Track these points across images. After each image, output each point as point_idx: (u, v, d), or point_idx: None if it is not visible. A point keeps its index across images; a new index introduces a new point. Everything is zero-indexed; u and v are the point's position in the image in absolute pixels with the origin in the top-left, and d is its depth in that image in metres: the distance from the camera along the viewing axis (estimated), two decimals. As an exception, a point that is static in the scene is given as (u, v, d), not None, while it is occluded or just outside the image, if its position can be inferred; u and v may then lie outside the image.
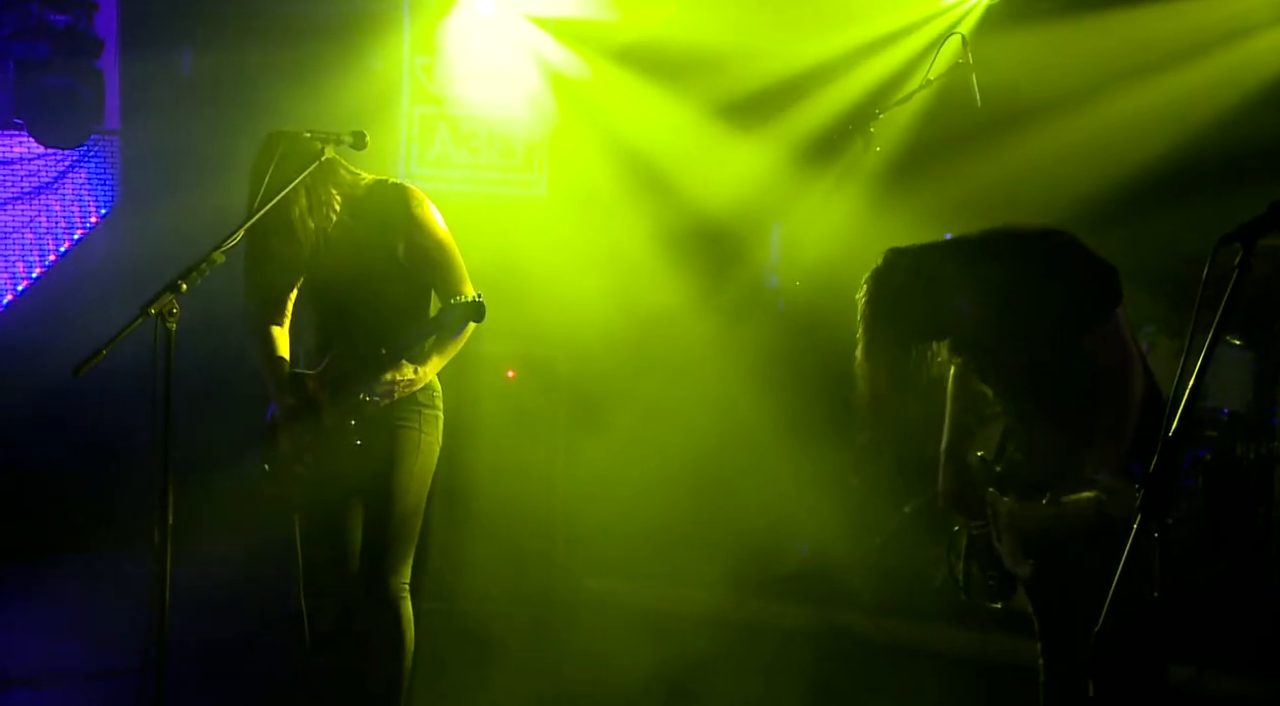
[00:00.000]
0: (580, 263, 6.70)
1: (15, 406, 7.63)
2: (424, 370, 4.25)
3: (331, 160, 4.20)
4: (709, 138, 6.83)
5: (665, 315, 6.81)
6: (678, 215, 6.80)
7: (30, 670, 5.54)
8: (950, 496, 3.99)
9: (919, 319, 3.69)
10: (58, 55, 7.82)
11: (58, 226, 8.65)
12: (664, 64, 6.78)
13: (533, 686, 5.55)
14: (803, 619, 6.34)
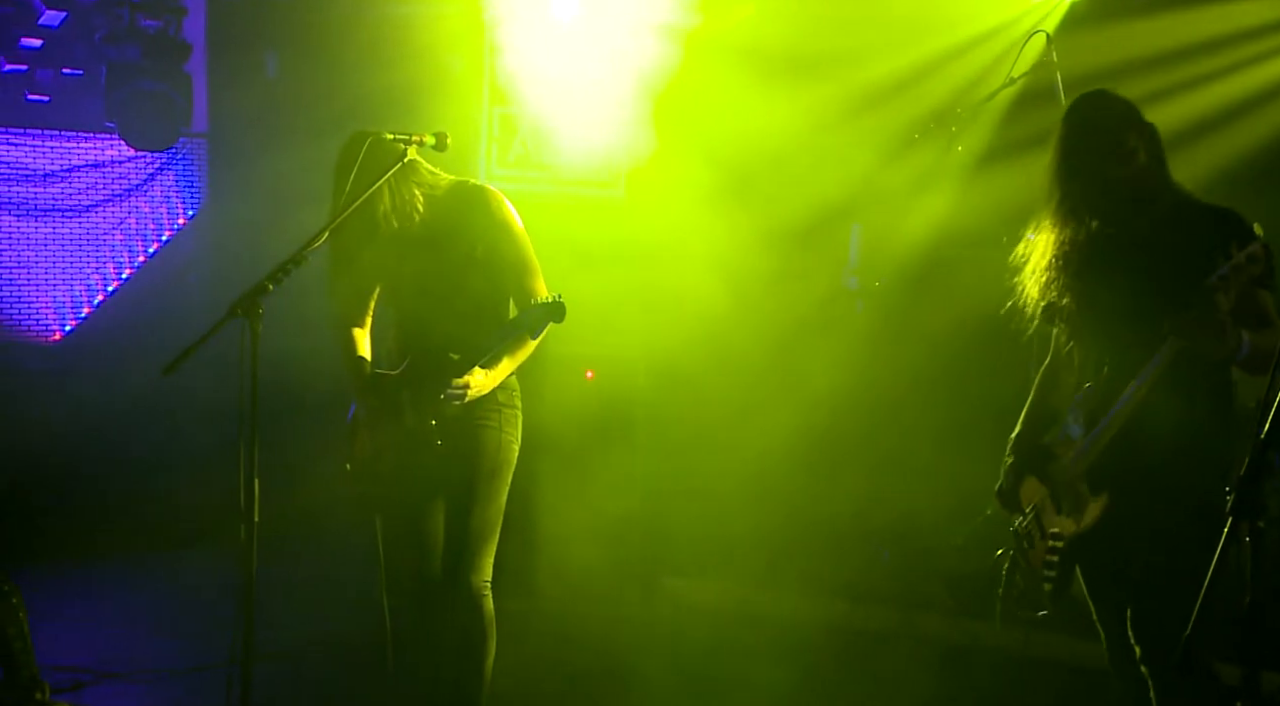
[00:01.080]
0: (658, 263, 6.69)
1: (105, 405, 7.76)
2: (501, 370, 4.26)
3: (414, 161, 4.23)
4: (788, 139, 6.79)
5: (743, 315, 6.78)
6: (755, 216, 6.76)
7: (121, 664, 5.62)
8: (1006, 491, 3.93)
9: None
10: (148, 59, 7.95)
11: (146, 228, 8.79)
12: (743, 66, 6.75)
13: (612, 684, 5.54)
14: (883, 621, 6.28)
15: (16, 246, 8.28)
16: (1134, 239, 3.66)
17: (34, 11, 8.16)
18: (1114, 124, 3.67)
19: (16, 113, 8.24)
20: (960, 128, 6.18)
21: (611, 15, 6.71)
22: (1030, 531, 3.89)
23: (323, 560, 7.20)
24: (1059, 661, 5.56)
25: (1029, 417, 3.96)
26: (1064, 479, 3.75)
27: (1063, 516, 3.77)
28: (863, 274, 7.04)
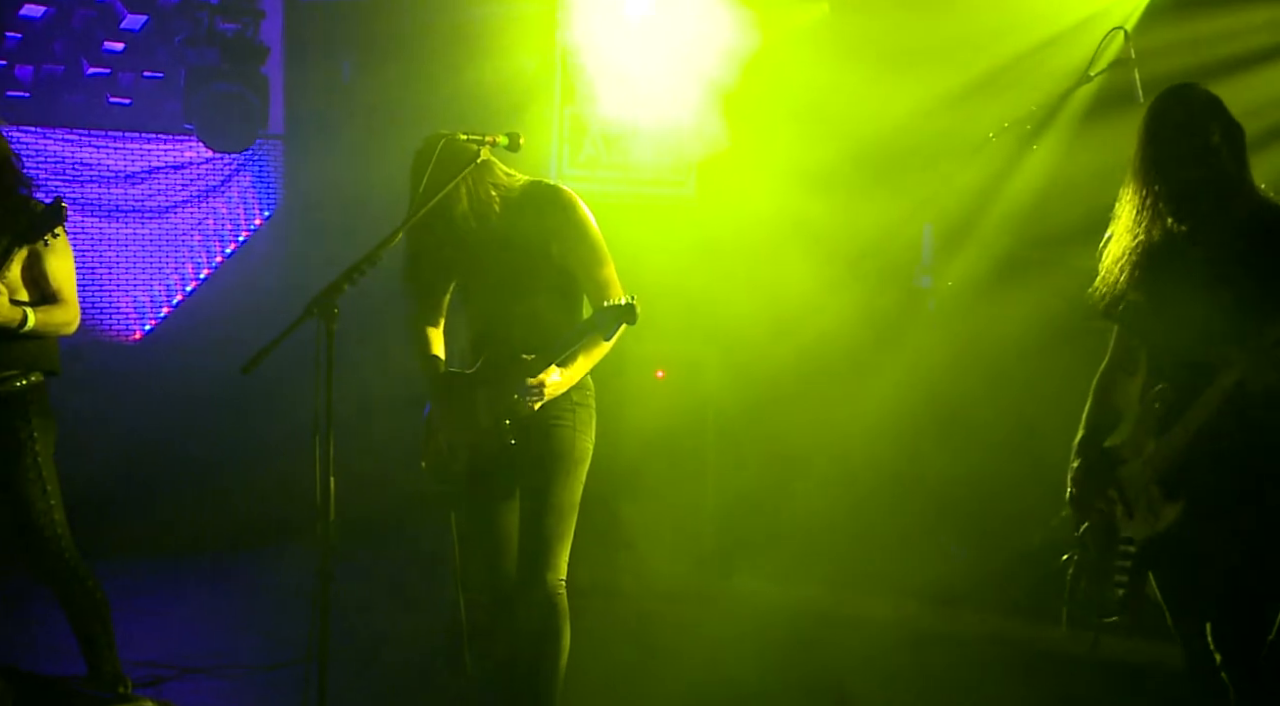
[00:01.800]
0: (728, 263, 6.68)
1: (185, 405, 7.87)
2: (576, 370, 4.27)
3: (489, 161, 4.25)
4: (860, 137, 6.75)
5: (814, 315, 6.75)
6: (826, 214, 6.73)
7: (201, 660, 5.69)
8: (1076, 495, 3.87)
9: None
10: (226, 62, 8.05)
11: (224, 229, 8.91)
12: (817, 64, 6.72)
13: (685, 684, 5.54)
14: (957, 623, 6.24)
15: (99, 247, 8.41)
16: (1211, 241, 3.60)
17: (116, 16, 8.30)
18: (1198, 121, 3.61)
19: (99, 115, 8.38)
20: (1036, 126, 6.11)
21: (683, 13, 6.70)
22: (1099, 536, 3.83)
23: (399, 558, 7.24)
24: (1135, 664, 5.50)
25: (1091, 420, 3.88)
26: (1135, 483, 3.70)
27: (1135, 521, 3.72)
28: (935, 273, 6.99)
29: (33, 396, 4.72)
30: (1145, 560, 3.72)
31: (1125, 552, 3.73)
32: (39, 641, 5.73)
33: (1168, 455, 3.61)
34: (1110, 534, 3.79)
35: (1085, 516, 3.87)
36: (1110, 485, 3.76)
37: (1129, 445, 3.75)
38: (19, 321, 4.58)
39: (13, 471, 4.69)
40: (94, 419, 7.00)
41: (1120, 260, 3.72)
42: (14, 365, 4.67)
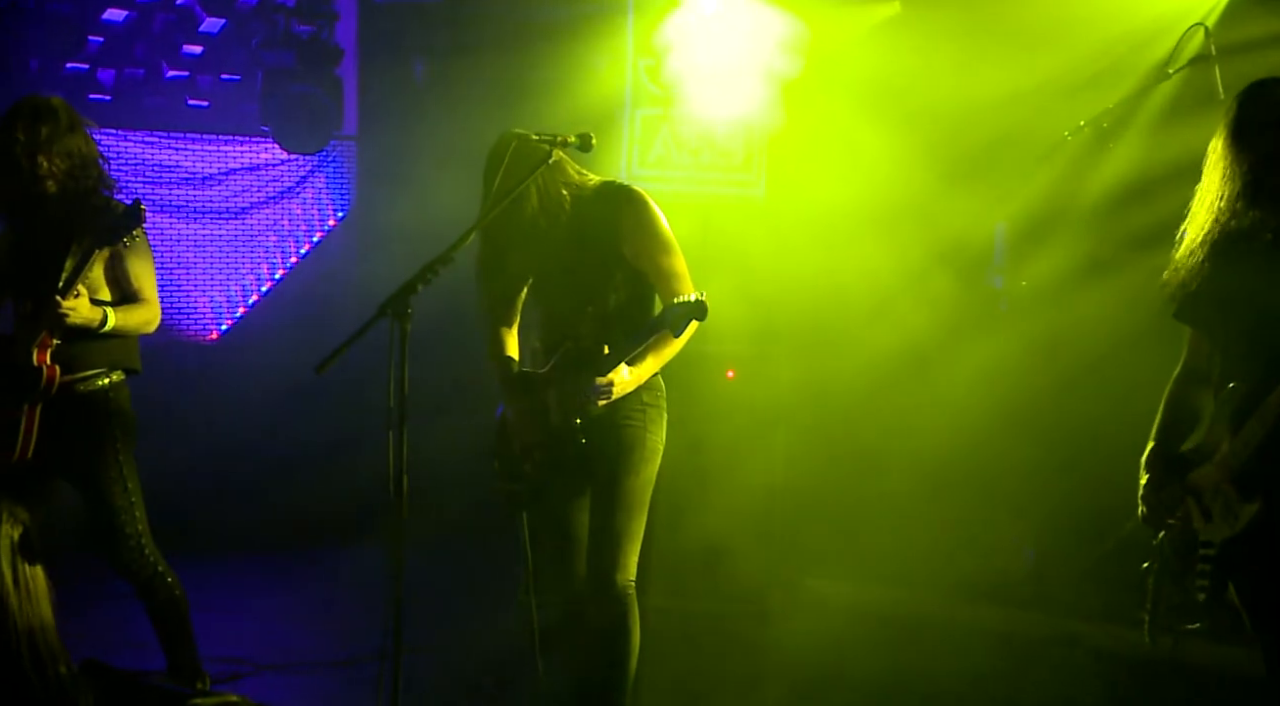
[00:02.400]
0: (799, 262, 6.65)
1: (261, 404, 7.96)
2: (646, 368, 4.26)
3: (561, 161, 4.25)
4: (929, 137, 6.69)
5: (885, 314, 6.71)
6: (896, 214, 6.69)
7: (277, 656, 5.76)
8: (1147, 514, 3.80)
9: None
10: (302, 64, 8.14)
11: (298, 229, 8.99)
12: (888, 62, 6.67)
13: (755, 685, 5.53)
14: (1028, 625, 6.18)
15: (177, 248, 8.51)
16: None
17: (195, 19, 8.42)
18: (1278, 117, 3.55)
19: (178, 118, 8.48)
20: (1114, 124, 6.03)
21: (754, 13, 6.69)
22: (1177, 543, 3.76)
23: (472, 557, 7.28)
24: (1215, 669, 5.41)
25: (1160, 433, 3.80)
26: (1210, 485, 3.64)
27: (1212, 524, 3.65)
28: (1008, 273, 6.92)
29: (114, 395, 4.78)
30: (1225, 563, 3.65)
31: (1205, 556, 3.66)
32: (120, 636, 5.80)
33: (1241, 453, 3.54)
34: (1188, 539, 3.72)
35: (1160, 528, 3.81)
36: (1182, 496, 3.70)
37: (1203, 447, 3.69)
38: (100, 321, 4.65)
39: (95, 469, 4.76)
40: (171, 418, 7.10)
41: (1193, 253, 3.67)
42: (96, 364, 4.74)
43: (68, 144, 4.67)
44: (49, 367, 4.64)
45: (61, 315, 4.55)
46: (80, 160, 4.70)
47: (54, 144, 4.64)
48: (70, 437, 4.74)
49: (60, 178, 4.67)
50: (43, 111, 4.68)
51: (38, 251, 4.71)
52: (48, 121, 4.66)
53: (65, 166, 4.67)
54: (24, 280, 4.77)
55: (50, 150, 4.64)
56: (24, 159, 4.64)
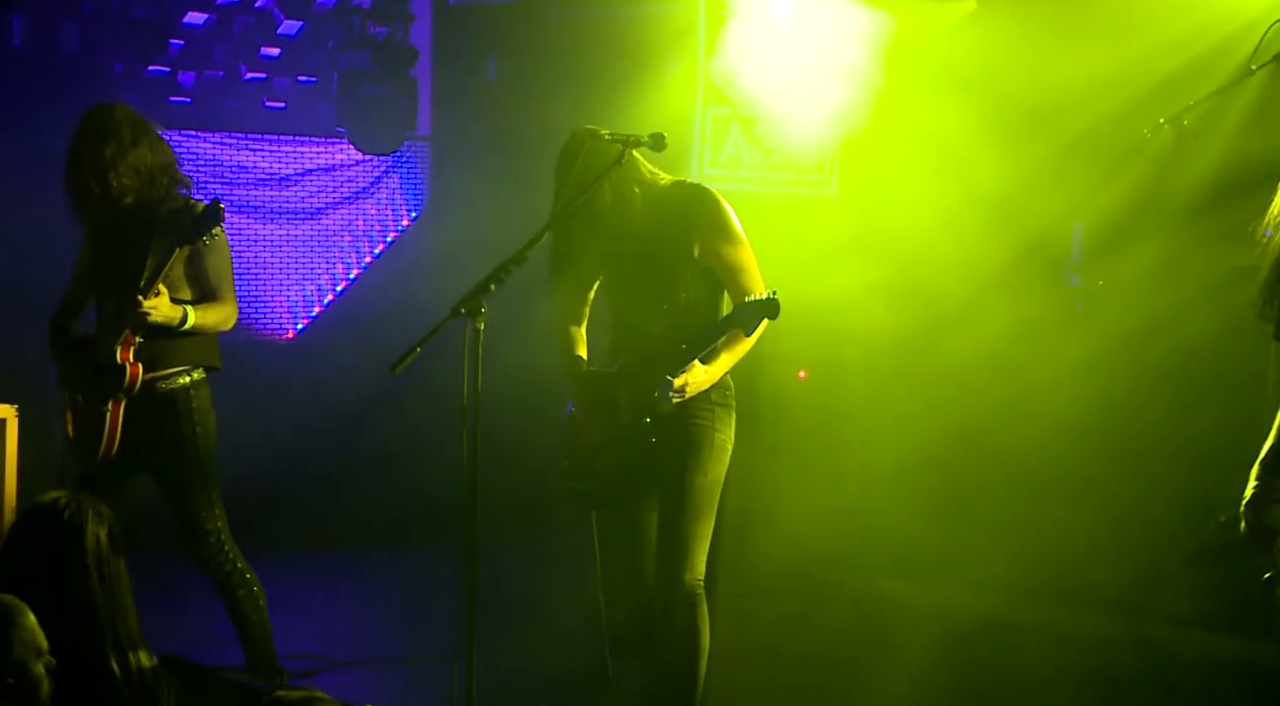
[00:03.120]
0: (872, 262, 6.60)
1: (334, 403, 8.03)
2: (719, 366, 4.25)
3: (633, 159, 4.26)
4: (1004, 135, 6.61)
5: (959, 314, 6.63)
6: (972, 213, 6.62)
7: (352, 652, 5.80)
8: (1249, 530, 3.70)
9: None
10: (377, 65, 8.20)
11: (373, 230, 9.06)
12: (961, 62, 6.60)
13: (826, 687, 5.51)
14: (1108, 629, 6.09)
15: (254, 248, 8.59)
16: None
17: (274, 21, 8.51)
18: None
19: (255, 119, 8.57)
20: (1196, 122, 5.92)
21: (826, 11, 6.64)
22: None
23: (544, 556, 7.30)
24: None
25: None
26: None
27: None
28: (1085, 272, 6.82)
29: (195, 393, 4.84)
30: None
31: None
32: (198, 631, 5.84)
33: None
34: None
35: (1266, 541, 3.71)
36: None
37: None
38: (179, 319, 4.71)
39: (176, 466, 4.83)
40: (247, 416, 7.16)
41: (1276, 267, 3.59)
42: (178, 362, 4.81)
43: (133, 160, 4.72)
44: (132, 366, 4.71)
45: (144, 314, 4.61)
46: (149, 171, 4.75)
47: (120, 162, 4.70)
48: (152, 435, 4.81)
49: (134, 190, 4.73)
50: (104, 130, 4.73)
51: (119, 252, 4.79)
52: (110, 140, 4.70)
53: (135, 182, 4.73)
54: (107, 280, 4.85)
55: (118, 168, 4.70)
56: (94, 182, 4.71)
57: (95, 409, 4.75)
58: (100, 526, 3.20)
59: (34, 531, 3.19)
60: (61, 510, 3.20)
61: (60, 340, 4.97)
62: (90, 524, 3.18)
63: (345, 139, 8.50)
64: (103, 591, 3.14)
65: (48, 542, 3.15)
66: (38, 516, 3.22)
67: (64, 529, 3.15)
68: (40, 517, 3.21)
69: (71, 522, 3.15)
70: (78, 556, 3.12)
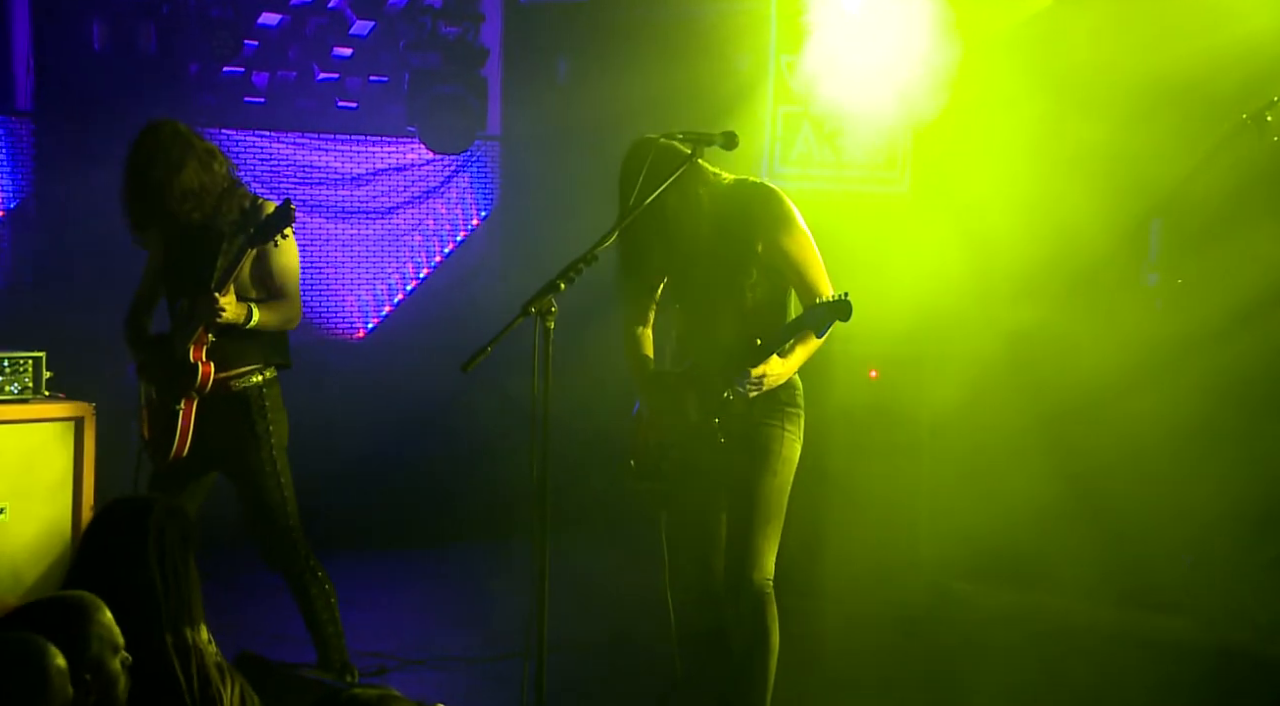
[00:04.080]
0: (944, 261, 6.53)
1: (405, 402, 8.06)
2: (793, 362, 4.22)
3: (699, 161, 4.24)
4: (1078, 131, 6.51)
5: (1034, 313, 6.55)
6: (1046, 210, 6.52)
7: (422, 651, 5.81)
8: None
9: None
10: (448, 65, 8.24)
11: (443, 229, 9.10)
12: (1036, 58, 6.51)
13: (896, 688, 5.46)
14: (1187, 634, 5.98)
15: (326, 248, 8.66)
16: None
17: (346, 22, 8.57)
18: None
19: (328, 119, 8.64)
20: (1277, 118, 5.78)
21: (899, 8, 6.58)
22: None
23: (613, 555, 7.29)
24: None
25: None
26: None
27: None
28: (1163, 271, 6.71)
29: (268, 391, 4.89)
30: None
31: None
32: (271, 628, 5.91)
33: None
34: None
35: None
36: None
37: None
38: (245, 317, 4.75)
39: (250, 465, 4.87)
40: (319, 415, 7.22)
41: None
42: (249, 361, 4.85)
43: (182, 182, 4.74)
44: (204, 365, 4.76)
45: (217, 311, 4.66)
46: (198, 191, 4.77)
47: (172, 187, 4.73)
48: (225, 434, 4.85)
49: (191, 208, 4.77)
50: (152, 154, 4.76)
51: (189, 254, 4.84)
52: (158, 166, 4.74)
53: (189, 203, 4.76)
54: (178, 282, 4.90)
55: (171, 192, 4.73)
56: (154, 205, 4.77)
57: (168, 408, 4.80)
58: (171, 523, 3.22)
59: (107, 528, 3.22)
60: (134, 508, 3.23)
61: (137, 338, 5.03)
62: (160, 521, 3.21)
63: (416, 138, 8.54)
64: (165, 588, 3.15)
65: (119, 540, 3.18)
66: (112, 514, 3.25)
67: (135, 526, 3.17)
68: (114, 515, 3.24)
69: (142, 520, 3.18)
70: (145, 553, 3.14)
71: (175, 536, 3.20)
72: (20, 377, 5.57)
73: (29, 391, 5.59)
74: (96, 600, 2.88)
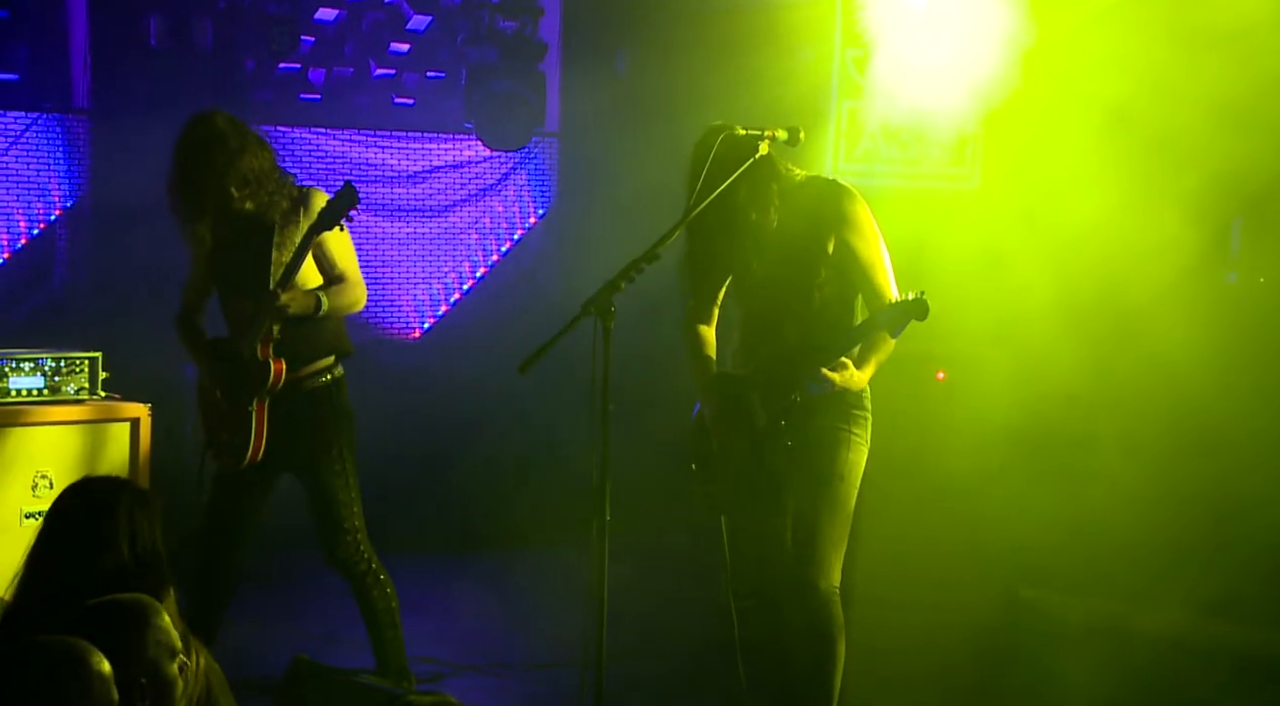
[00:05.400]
0: (1015, 259, 6.39)
1: (462, 403, 8.01)
2: (871, 367, 4.16)
3: (770, 156, 4.18)
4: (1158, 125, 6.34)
5: (1109, 312, 6.40)
6: (1123, 205, 6.36)
7: (479, 657, 5.77)
8: None
9: None
10: (506, 60, 8.20)
11: (500, 227, 9.05)
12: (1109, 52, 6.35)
13: (966, 698, 5.39)
14: (1260, 644, 5.83)
15: (382, 246, 8.64)
16: None
17: (402, 17, 8.53)
18: None
19: (384, 116, 8.61)
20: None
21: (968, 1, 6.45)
22: None
23: (673, 560, 7.22)
24: None
25: None
26: None
27: None
28: (1243, 269, 6.53)
29: (337, 390, 4.88)
30: None
31: None
32: (325, 631, 5.92)
33: None
34: None
35: None
36: None
37: None
38: (314, 306, 4.72)
39: (320, 464, 4.84)
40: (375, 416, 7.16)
41: None
42: (315, 354, 4.82)
43: (242, 168, 4.70)
44: (275, 362, 4.72)
45: (283, 307, 4.63)
46: (256, 177, 4.73)
47: (230, 172, 4.68)
48: (296, 433, 4.82)
49: (247, 196, 4.72)
50: (210, 141, 4.70)
51: (240, 251, 4.82)
52: (218, 150, 4.68)
53: (247, 190, 4.71)
54: (234, 280, 4.87)
55: (228, 179, 4.68)
56: (209, 194, 4.71)
57: (240, 409, 4.75)
58: (140, 503, 3.19)
59: (75, 508, 3.19)
60: (104, 487, 3.22)
61: (194, 342, 4.99)
62: (130, 501, 3.17)
63: (473, 135, 8.49)
64: (137, 568, 3.12)
65: (88, 520, 3.15)
66: (80, 494, 3.22)
67: (105, 507, 3.15)
68: (82, 496, 3.21)
69: (112, 500, 3.16)
70: (116, 535, 3.12)
71: (144, 516, 3.17)
72: (77, 378, 5.57)
73: (85, 392, 5.58)
74: (153, 603, 2.90)
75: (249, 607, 5.80)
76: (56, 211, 7.70)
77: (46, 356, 5.53)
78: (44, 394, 5.50)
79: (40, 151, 7.59)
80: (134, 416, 5.59)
